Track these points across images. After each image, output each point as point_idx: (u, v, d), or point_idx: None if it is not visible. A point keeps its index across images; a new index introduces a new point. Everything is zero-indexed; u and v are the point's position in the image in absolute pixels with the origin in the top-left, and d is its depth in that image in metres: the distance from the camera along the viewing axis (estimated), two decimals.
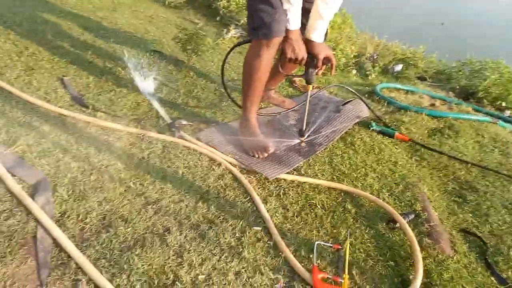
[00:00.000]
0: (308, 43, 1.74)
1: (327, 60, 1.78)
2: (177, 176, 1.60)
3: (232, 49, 2.02)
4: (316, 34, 1.71)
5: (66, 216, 1.32)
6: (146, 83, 2.24)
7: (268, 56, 1.71)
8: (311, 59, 1.76)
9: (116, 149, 1.69)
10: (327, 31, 1.84)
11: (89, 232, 1.29)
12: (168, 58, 2.72)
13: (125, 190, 1.48)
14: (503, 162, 2.06)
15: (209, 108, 2.20)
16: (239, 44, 2.02)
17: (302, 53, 1.72)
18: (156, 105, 2.03)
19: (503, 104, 3.12)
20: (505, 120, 2.63)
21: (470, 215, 1.65)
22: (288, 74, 2.13)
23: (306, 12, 1.75)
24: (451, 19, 6.86)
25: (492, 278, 1.35)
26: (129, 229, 1.32)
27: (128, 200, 1.44)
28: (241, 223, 1.42)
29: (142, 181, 1.54)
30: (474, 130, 2.33)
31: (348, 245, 1.38)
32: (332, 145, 2.00)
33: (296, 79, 2.79)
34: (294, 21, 1.64)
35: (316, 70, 1.80)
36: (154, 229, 1.34)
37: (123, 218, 1.36)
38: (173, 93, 2.29)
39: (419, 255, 1.34)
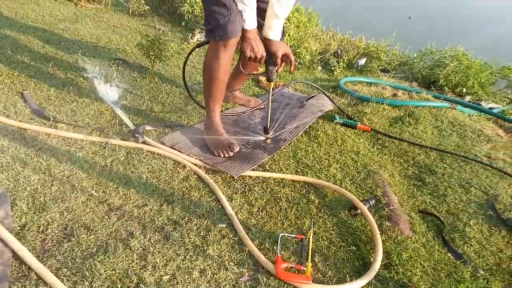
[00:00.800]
0: (266, 41, 1.78)
1: (286, 57, 1.82)
2: (141, 181, 1.61)
3: (191, 51, 2.05)
4: (273, 32, 1.76)
5: (26, 228, 1.31)
6: (109, 92, 2.23)
7: (226, 57, 1.74)
8: (270, 57, 1.80)
9: (78, 159, 1.69)
10: (284, 29, 1.89)
11: (51, 243, 1.28)
12: (132, 65, 2.72)
13: (87, 199, 1.48)
14: (461, 144, 2.15)
15: (174, 112, 2.21)
16: (198, 46, 2.04)
17: (260, 51, 1.75)
18: (119, 112, 2.03)
19: (464, 90, 3.25)
20: (464, 105, 2.74)
21: (429, 196, 1.71)
22: (250, 74, 2.16)
23: (261, 11, 1.79)
24: (418, 13, 7.06)
25: (449, 254, 1.40)
26: (91, 237, 1.32)
27: (90, 208, 1.44)
28: (206, 222, 1.44)
29: (104, 188, 1.54)
30: (433, 116, 2.42)
31: (312, 234, 1.42)
32: (297, 140, 2.04)
33: (262, 78, 2.83)
34: (250, 21, 1.67)
35: (276, 68, 1.84)
36: (117, 234, 1.34)
37: (85, 226, 1.36)
38: (138, 99, 2.29)
39: (379, 238, 1.39)
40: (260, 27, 1.79)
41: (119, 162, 1.70)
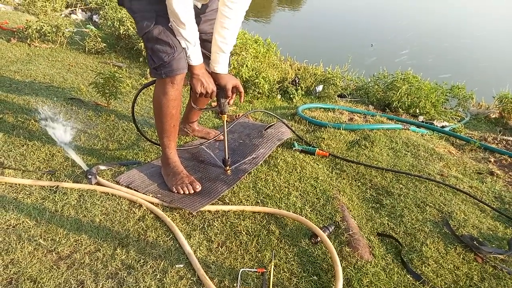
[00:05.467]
0: (214, 75, 1.79)
1: (235, 89, 1.85)
2: (93, 225, 1.54)
3: (138, 92, 2.03)
4: (220, 66, 1.78)
5: None
6: (62, 133, 2.16)
7: (174, 91, 1.73)
8: (221, 90, 1.82)
9: (26, 206, 1.60)
10: (229, 61, 1.92)
11: None
12: (87, 104, 2.67)
13: (34, 249, 1.39)
14: (415, 164, 2.22)
15: (131, 149, 2.17)
16: (145, 87, 2.03)
17: (211, 86, 1.77)
18: (71, 153, 1.96)
19: (417, 110, 3.40)
20: (417, 125, 2.86)
21: (387, 218, 1.74)
22: (202, 108, 2.17)
23: (204, 42, 1.81)
24: (380, 40, 7.43)
25: (408, 276, 1.42)
26: None
27: (37, 258, 1.35)
28: (162, 263, 1.39)
29: (54, 236, 1.46)
30: (388, 138, 2.50)
31: (272, 266, 1.40)
32: (256, 170, 2.04)
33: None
34: (195, 57, 1.69)
35: (227, 100, 1.86)
36: (66, 285, 1.26)
37: (31, 279, 1.27)
38: (92, 139, 2.23)
39: (339, 265, 1.38)
40: (207, 59, 1.82)
41: (71, 206, 1.63)
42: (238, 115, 2.87)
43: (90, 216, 1.59)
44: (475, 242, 1.58)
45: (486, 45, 7.44)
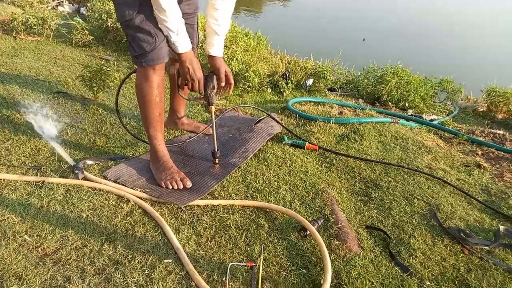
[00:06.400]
0: (209, 59, 1.79)
1: (227, 78, 1.83)
2: (80, 220, 1.52)
3: (122, 82, 2.02)
4: (215, 49, 1.78)
5: None
6: (48, 127, 2.12)
7: (157, 78, 1.72)
8: (209, 80, 1.80)
9: (11, 202, 1.57)
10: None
11: None
12: (74, 98, 2.62)
13: (19, 245, 1.37)
14: (403, 157, 2.23)
15: (119, 143, 2.14)
16: (127, 76, 2.02)
17: (198, 74, 1.73)
18: (58, 148, 1.93)
19: (406, 104, 3.42)
20: (406, 119, 2.88)
21: (375, 211, 1.75)
22: (190, 99, 2.16)
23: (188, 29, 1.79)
24: (372, 34, 7.42)
25: (396, 268, 1.43)
26: (23, 287, 1.21)
27: (23, 255, 1.33)
28: (151, 259, 1.38)
29: (40, 232, 1.44)
30: (377, 131, 2.51)
31: (261, 260, 1.40)
32: (246, 164, 2.03)
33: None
34: (181, 45, 1.65)
35: (215, 90, 1.84)
36: (53, 281, 1.25)
37: (17, 275, 1.25)
38: (80, 133, 2.19)
39: (327, 258, 1.38)
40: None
41: (57, 202, 1.60)
42: (227, 109, 2.85)
43: (77, 211, 1.57)
44: (462, 234, 1.60)
45: (474, 40, 7.51)
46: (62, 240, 1.42)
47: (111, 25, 3.79)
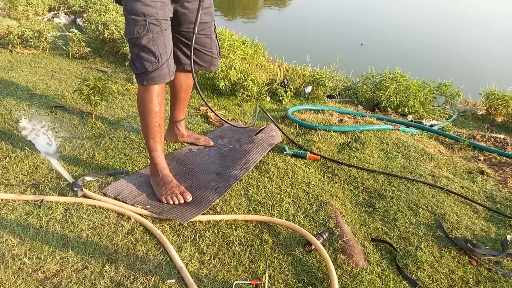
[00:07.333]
0: None
1: None
2: (80, 241, 1.49)
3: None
4: None
5: None
6: (46, 143, 2.10)
7: (158, 88, 1.73)
8: None
9: (9, 223, 1.54)
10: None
11: None
12: (71, 111, 2.60)
13: (19, 268, 1.34)
14: (406, 165, 2.21)
15: (118, 158, 2.11)
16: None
17: None
18: (56, 165, 1.90)
19: (406, 109, 3.41)
20: (406, 125, 2.86)
21: (380, 222, 1.72)
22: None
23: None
24: (369, 39, 7.41)
25: (404, 282, 1.40)
26: None
27: (22, 279, 1.30)
28: (153, 279, 1.35)
29: (39, 253, 1.41)
30: (378, 139, 2.49)
31: (267, 278, 1.37)
32: (248, 176, 2.00)
33: (211, 114, 2.81)
34: None
35: None
36: None
37: None
38: (78, 148, 2.17)
39: (334, 273, 1.36)
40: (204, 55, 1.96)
41: (56, 221, 1.57)
42: (228, 119, 2.84)
43: (77, 231, 1.54)
44: (469, 245, 1.58)
45: (472, 43, 7.52)
46: (62, 262, 1.39)
47: (108, 37, 3.77)
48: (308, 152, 2.23)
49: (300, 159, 2.21)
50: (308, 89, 3.59)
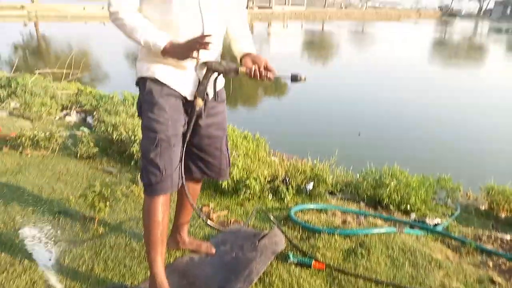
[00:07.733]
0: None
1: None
2: None
3: None
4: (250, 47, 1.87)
5: None
6: (45, 255, 2.07)
7: (164, 197, 1.78)
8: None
9: None
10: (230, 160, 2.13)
11: None
12: (74, 217, 2.60)
13: None
14: (414, 274, 2.15)
15: (118, 270, 2.06)
16: None
17: (192, 41, 1.62)
18: (53, 281, 1.85)
19: (408, 207, 3.40)
20: (411, 226, 2.84)
21: None
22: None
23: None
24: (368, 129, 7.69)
25: None
26: None
27: None
28: None
29: None
30: (383, 244, 2.45)
31: None
32: None
33: (213, 215, 2.82)
34: (158, 39, 1.61)
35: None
36: None
37: None
38: (77, 259, 2.13)
39: None
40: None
41: None
42: (231, 221, 2.83)
43: None
44: None
45: (466, 136, 7.78)
46: None
47: (116, 138, 3.94)
48: (314, 261, 2.17)
49: (305, 268, 2.15)
50: (310, 186, 3.63)
